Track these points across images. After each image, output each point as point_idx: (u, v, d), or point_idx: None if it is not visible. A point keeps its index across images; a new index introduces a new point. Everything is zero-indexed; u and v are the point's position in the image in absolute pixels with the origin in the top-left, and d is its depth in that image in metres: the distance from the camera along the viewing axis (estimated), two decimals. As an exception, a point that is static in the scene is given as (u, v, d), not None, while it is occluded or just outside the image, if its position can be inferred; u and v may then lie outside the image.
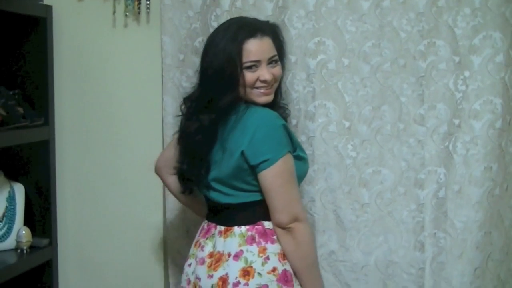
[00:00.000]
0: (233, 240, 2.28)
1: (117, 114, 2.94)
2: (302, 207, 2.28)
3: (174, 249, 2.97)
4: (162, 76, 2.87)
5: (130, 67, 2.91)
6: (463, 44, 2.51)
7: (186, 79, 2.84)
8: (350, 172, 2.64)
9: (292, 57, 2.62)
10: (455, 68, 2.53)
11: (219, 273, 2.26)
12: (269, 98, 2.32)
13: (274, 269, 2.24)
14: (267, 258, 2.25)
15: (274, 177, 2.22)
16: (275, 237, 2.27)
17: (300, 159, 2.32)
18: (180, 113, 2.43)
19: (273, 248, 2.26)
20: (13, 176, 2.94)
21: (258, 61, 2.26)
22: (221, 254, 2.28)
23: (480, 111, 2.51)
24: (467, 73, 2.51)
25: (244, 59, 2.24)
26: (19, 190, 2.91)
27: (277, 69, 2.31)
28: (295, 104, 2.65)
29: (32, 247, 2.87)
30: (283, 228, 2.24)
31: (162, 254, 2.95)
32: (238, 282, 2.22)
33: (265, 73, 2.26)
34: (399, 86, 2.59)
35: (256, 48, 2.25)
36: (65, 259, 3.03)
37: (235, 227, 2.30)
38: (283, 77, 2.43)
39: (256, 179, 2.25)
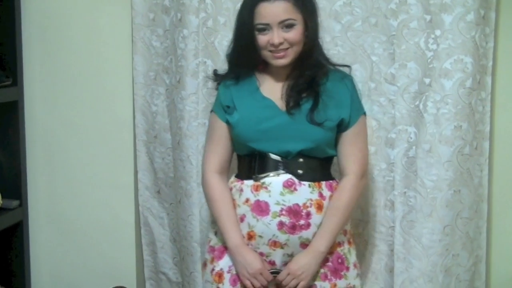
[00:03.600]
0: None
1: (87, 74, 2.91)
2: (207, 163, 2.44)
3: (146, 209, 2.97)
4: (132, 35, 2.84)
5: (100, 27, 2.87)
6: (434, 2, 2.49)
7: (157, 38, 2.83)
8: (321, 132, 2.64)
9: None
10: (426, 26, 2.52)
11: None
12: (283, 61, 2.32)
13: None
14: None
15: None
16: None
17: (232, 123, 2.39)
18: None
19: None
20: (-18, 137, 2.91)
21: (268, 24, 2.27)
22: None
23: (450, 70, 2.50)
24: (438, 32, 2.51)
25: (255, 21, 2.28)
26: (-12, 152, 2.89)
27: (291, 33, 2.28)
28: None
29: (2, 209, 2.85)
30: None
31: (133, 215, 2.95)
32: None
33: (274, 36, 2.27)
34: (370, 45, 2.58)
35: (266, 11, 2.26)
36: (35, 220, 3.02)
37: None
38: (314, 39, 2.36)
39: None
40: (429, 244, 2.59)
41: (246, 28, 2.30)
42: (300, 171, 2.32)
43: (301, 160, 2.33)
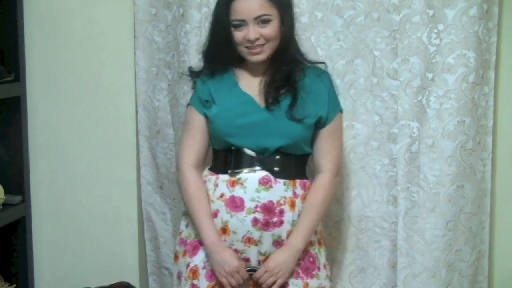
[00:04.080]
0: None
1: (89, 70, 2.91)
2: (184, 156, 2.41)
3: (148, 204, 2.97)
4: (135, 30, 2.83)
5: (102, 22, 2.87)
6: (437, -3, 2.49)
7: (158, 34, 2.82)
8: (324, 127, 2.63)
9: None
10: (429, 21, 2.51)
11: None
12: (259, 57, 2.31)
13: None
14: None
15: None
16: None
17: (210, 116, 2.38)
18: None
19: None
20: (-16, 133, 2.92)
21: (243, 20, 2.26)
22: None
23: (453, 65, 2.50)
24: (441, 27, 2.50)
25: (231, 17, 2.27)
26: (-9, 147, 2.89)
27: (267, 29, 2.27)
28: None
29: (4, 204, 2.86)
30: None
31: (136, 210, 2.95)
32: None
33: (250, 32, 2.26)
34: (372, 40, 2.57)
35: (241, 7, 2.25)
36: (38, 216, 3.02)
37: None
38: (290, 35, 2.36)
39: None
40: (432, 239, 2.58)
41: (222, 25, 2.29)
42: (276, 169, 2.33)
43: (278, 157, 2.33)
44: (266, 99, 2.32)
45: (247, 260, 2.35)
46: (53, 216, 3.03)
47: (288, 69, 2.34)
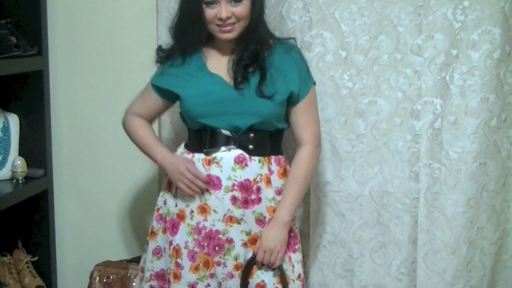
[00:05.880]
0: None
1: (112, 44, 2.91)
2: (129, 110, 2.53)
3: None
4: (157, 5, 2.83)
5: (124, -4, 2.88)
6: (462, -28, 2.47)
7: (181, 8, 2.81)
8: (346, 103, 2.63)
9: (288, -14, 2.59)
10: (454, -3, 2.50)
11: None
12: (229, 36, 2.32)
13: None
14: None
15: None
16: None
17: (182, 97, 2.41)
18: None
19: None
20: (7, 106, 2.92)
21: None
22: None
23: (478, 41, 2.48)
24: (466, 2, 2.48)
25: None
26: (14, 121, 2.90)
27: (239, 8, 2.28)
28: (291, 34, 2.62)
29: (27, 177, 2.88)
30: None
31: (157, 183, 2.96)
32: None
33: (222, 11, 2.27)
34: (396, 16, 2.55)
35: None
36: (60, 189, 3.04)
37: None
38: (260, 15, 2.37)
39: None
40: (452, 216, 2.59)
41: (193, 1, 2.29)
42: (251, 146, 2.35)
43: (251, 135, 2.34)
44: (235, 78, 2.33)
45: (230, 241, 2.36)
46: (75, 189, 3.05)
47: (256, 48, 2.35)
